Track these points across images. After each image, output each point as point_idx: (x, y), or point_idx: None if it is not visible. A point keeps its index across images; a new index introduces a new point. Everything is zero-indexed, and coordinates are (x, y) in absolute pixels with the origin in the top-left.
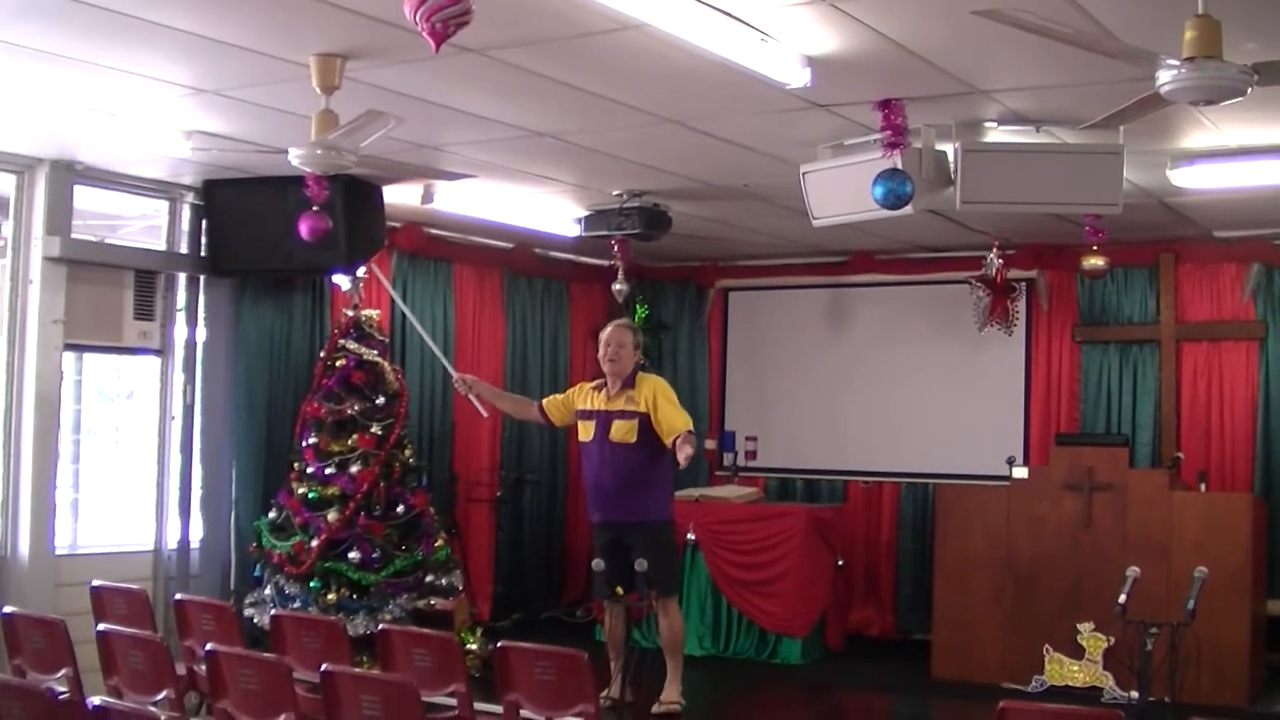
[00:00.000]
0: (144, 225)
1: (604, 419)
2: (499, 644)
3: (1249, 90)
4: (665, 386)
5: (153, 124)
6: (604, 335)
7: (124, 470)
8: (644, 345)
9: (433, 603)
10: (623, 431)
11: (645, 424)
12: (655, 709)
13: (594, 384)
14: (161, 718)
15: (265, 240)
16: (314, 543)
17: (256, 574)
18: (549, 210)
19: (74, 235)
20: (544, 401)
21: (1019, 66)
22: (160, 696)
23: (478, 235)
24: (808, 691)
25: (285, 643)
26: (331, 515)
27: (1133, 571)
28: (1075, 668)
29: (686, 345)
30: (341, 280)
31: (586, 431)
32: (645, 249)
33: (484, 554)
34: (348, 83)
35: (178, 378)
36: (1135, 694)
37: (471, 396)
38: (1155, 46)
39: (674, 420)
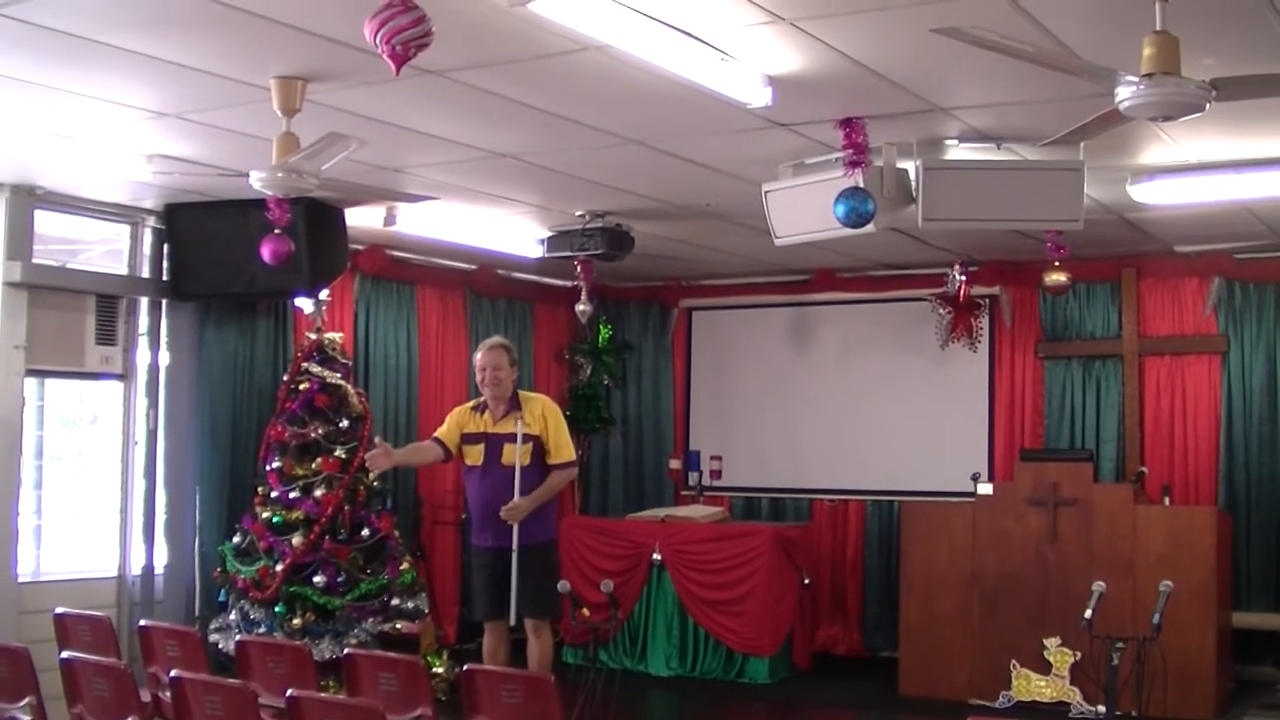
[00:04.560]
0: (105, 249)
1: (494, 442)
2: (465, 667)
3: (1207, 106)
4: (554, 407)
5: (114, 148)
6: (478, 359)
7: (87, 496)
8: (519, 362)
9: (398, 626)
10: (516, 455)
11: (539, 446)
12: None
13: (472, 405)
14: None
15: (227, 264)
16: (279, 567)
17: (221, 599)
18: (511, 231)
19: (35, 260)
20: (437, 435)
21: (979, 84)
22: None
23: (440, 257)
24: (775, 711)
25: (251, 668)
26: (296, 539)
27: (1098, 586)
28: (1042, 683)
29: (651, 365)
30: (304, 303)
31: (475, 456)
32: (608, 269)
33: (449, 577)
34: (309, 105)
35: (140, 402)
36: (1102, 708)
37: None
38: (1114, 63)
39: (563, 445)
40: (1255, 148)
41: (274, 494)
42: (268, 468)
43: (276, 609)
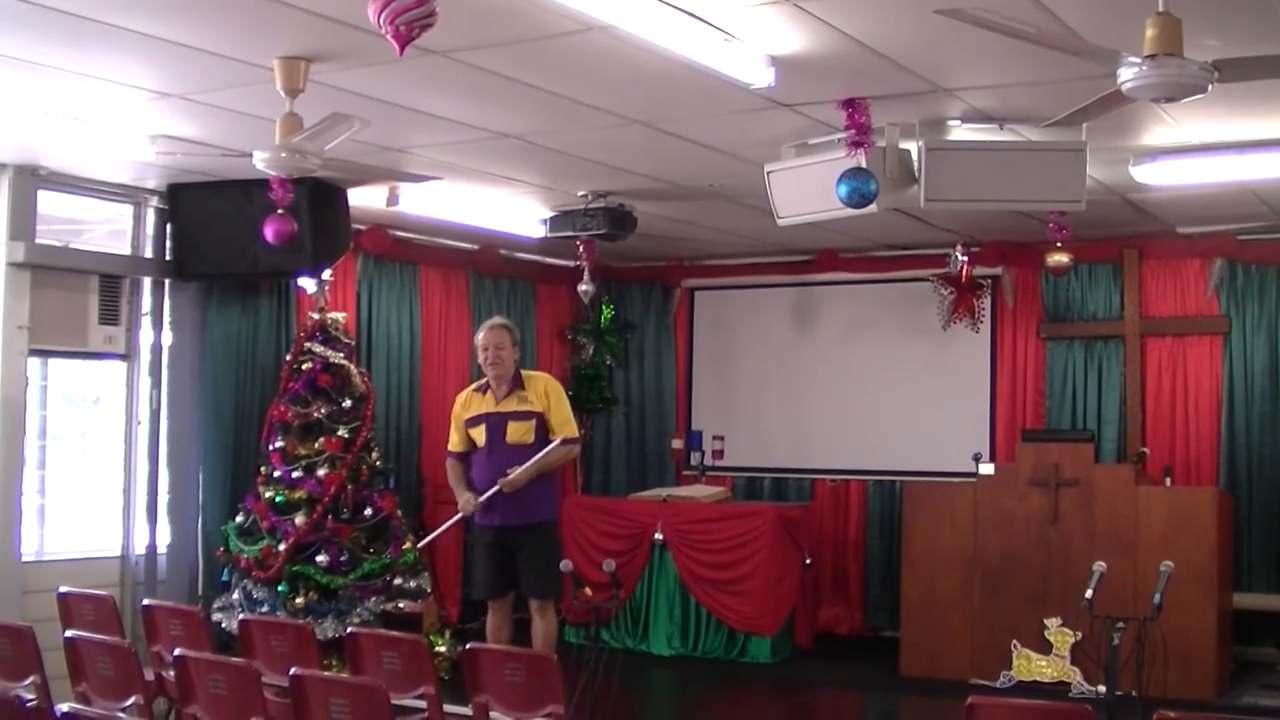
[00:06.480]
0: (108, 229)
1: (497, 421)
2: (468, 646)
3: (1209, 87)
4: (556, 384)
5: (117, 128)
6: (479, 339)
7: (90, 476)
8: (521, 341)
9: (401, 605)
10: (520, 433)
11: (541, 423)
12: None
13: (474, 387)
14: None
15: (230, 244)
16: (282, 546)
17: (224, 578)
18: (514, 211)
19: (38, 240)
20: (450, 449)
21: (982, 65)
22: (129, 702)
23: (443, 237)
24: (777, 690)
25: (254, 647)
26: (299, 519)
27: (1099, 566)
28: (1043, 663)
29: (653, 345)
30: (307, 283)
31: (478, 437)
32: (611, 249)
33: (452, 556)
34: (312, 85)
35: (144, 382)
36: (1103, 688)
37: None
38: (1117, 44)
39: (566, 422)
40: (1258, 129)
41: (277, 473)
42: (271, 447)
43: (279, 588)
